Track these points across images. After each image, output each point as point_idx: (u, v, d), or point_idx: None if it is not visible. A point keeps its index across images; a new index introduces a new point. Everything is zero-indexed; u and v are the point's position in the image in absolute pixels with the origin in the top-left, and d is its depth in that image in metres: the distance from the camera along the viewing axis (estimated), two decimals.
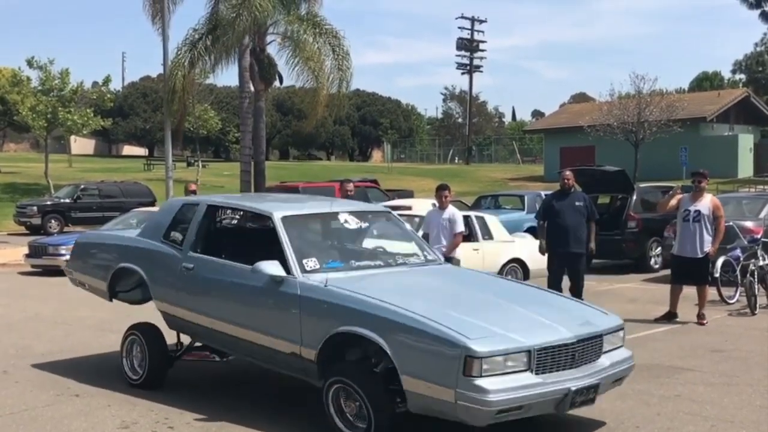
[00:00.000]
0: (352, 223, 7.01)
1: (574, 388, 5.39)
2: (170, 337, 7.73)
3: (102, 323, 10.57)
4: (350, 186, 13.26)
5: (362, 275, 6.40)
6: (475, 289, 6.72)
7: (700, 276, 10.48)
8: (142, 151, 71.68)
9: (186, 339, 7.71)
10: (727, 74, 70.70)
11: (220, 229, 7.72)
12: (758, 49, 61.66)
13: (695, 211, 10.31)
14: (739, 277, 11.67)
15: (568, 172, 11.20)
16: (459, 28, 65.74)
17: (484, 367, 5.09)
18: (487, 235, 13.33)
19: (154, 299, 7.48)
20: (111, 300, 8.14)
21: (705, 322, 10.31)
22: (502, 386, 5.11)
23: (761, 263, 11.61)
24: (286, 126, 70.40)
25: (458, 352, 5.09)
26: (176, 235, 7.43)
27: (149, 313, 8.13)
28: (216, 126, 45.84)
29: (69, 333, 10.25)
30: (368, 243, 7.32)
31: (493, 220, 13.96)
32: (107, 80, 37.95)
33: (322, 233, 7.17)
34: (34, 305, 12.85)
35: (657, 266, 16.21)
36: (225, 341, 6.86)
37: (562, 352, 5.45)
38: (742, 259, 11.79)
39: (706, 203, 10.40)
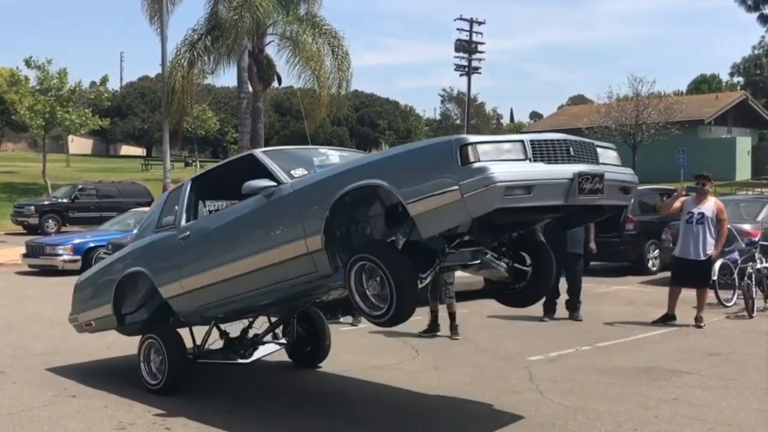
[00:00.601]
0: (334, 156, 7.04)
1: (578, 170, 5.36)
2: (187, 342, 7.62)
3: None
4: None
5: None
6: None
7: (702, 279, 10.49)
8: (140, 151, 71.67)
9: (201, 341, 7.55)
10: (725, 77, 70.85)
11: (208, 197, 7.67)
12: (756, 51, 61.71)
13: (699, 213, 10.32)
14: (736, 279, 11.68)
15: None
16: (457, 29, 65.64)
17: (480, 152, 5.08)
18: None
19: (160, 288, 7.26)
20: (120, 324, 7.84)
21: (703, 324, 10.31)
22: (502, 167, 5.07)
23: (759, 266, 11.62)
24: (284, 126, 70.37)
25: (452, 147, 5.12)
26: (168, 219, 7.45)
27: None
28: (214, 126, 45.95)
29: (66, 333, 10.21)
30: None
31: None
32: (104, 80, 37.97)
33: (304, 162, 7.01)
34: (32, 305, 12.84)
35: (655, 269, 16.21)
36: (237, 291, 6.68)
37: (557, 146, 5.43)
38: (739, 262, 11.80)
39: (710, 206, 10.41)
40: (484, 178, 4.99)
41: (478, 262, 6.19)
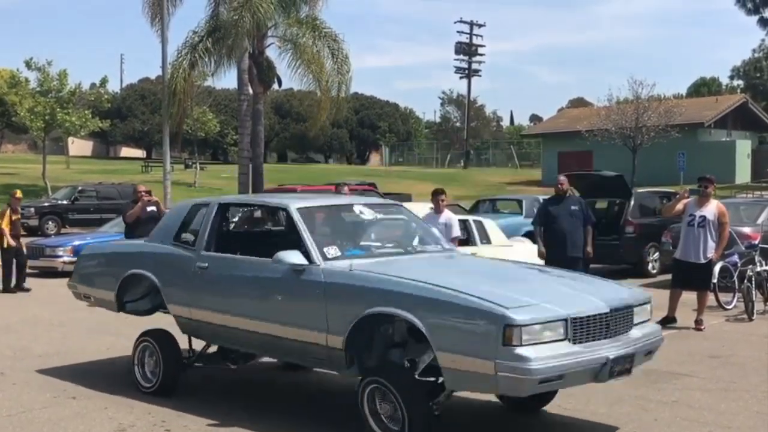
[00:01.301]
0: (367, 214, 6.97)
1: (612, 356, 5.37)
2: (181, 342, 7.63)
3: (100, 325, 10.55)
4: (345, 189, 13.27)
5: (385, 261, 6.34)
6: (500, 269, 6.79)
7: (703, 281, 10.50)
8: (140, 153, 71.65)
9: (197, 345, 7.55)
10: (725, 80, 70.88)
11: (232, 228, 7.64)
12: (756, 55, 61.77)
13: (701, 216, 10.32)
14: (736, 282, 11.68)
15: (561, 177, 11.30)
16: (458, 32, 65.79)
17: (524, 336, 5.03)
18: (485, 239, 13.32)
19: (168, 303, 7.27)
20: (119, 311, 7.92)
21: (702, 327, 10.31)
22: (542, 354, 5.05)
23: (759, 269, 11.62)
24: (284, 129, 70.40)
25: (497, 322, 5.04)
26: (188, 236, 7.34)
27: (150, 317, 8.09)
28: (214, 128, 45.88)
29: (66, 335, 10.24)
30: (383, 234, 7.22)
31: (491, 225, 13.96)
32: (104, 81, 37.96)
33: (337, 224, 7.03)
34: (32, 307, 12.84)
35: (655, 271, 16.21)
36: (246, 339, 6.68)
37: (597, 322, 5.42)
38: (739, 264, 11.80)
39: (711, 209, 10.41)
40: (523, 370, 4.98)
41: None
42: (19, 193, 15.24)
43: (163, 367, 7.14)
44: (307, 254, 6.13)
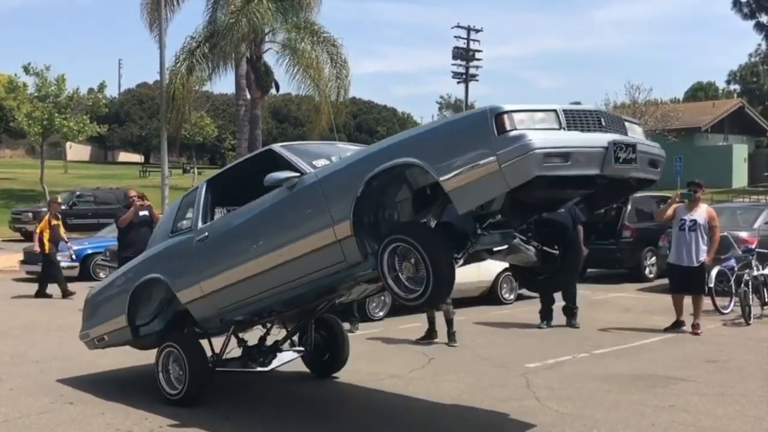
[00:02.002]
0: (350, 150, 6.87)
1: (611, 139, 5.27)
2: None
3: None
4: None
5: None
6: None
7: (697, 285, 10.55)
8: (137, 157, 71.68)
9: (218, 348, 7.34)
10: (721, 84, 71.00)
11: (225, 198, 7.43)
12: (753, 59, 61.86)
13: (691, 220, 10.39)
14: (733, 287, 11.70)
15: None
16: (455, 37, 65.80)
17: (516, 119, 4.96)
18: None
19: (178, 293, 7.04)
20: (135, 336, 7.54)
21: (699, 332, 10.34)
22: (539, 134, 4.97)
23: (755, 273, 11.63)
24: (282, 133, 70.36)
25: (487, 117, 5.01)
26: (183, 223, 7.30)
27: None
28: (212, 133, 45.99)
29: (64, 340, 10.22)
30: None
31: None
32: (102, 86, 37.98)
33: (323, 157, 6.85)
34: (29, 312, 12.83)
35: (652, 275, 16.24)
36: (262, 286, 6.47)
37: (589, 116, 5.35)
38: (736, 269, 11.81)
39: (701, 213, 10.48)
40: (522, 146, 4.88)
41: (507, 246, 6.03)
42: (59, 199, 15.20)
43: (189, 374, 6.90)
44: (297, 170, 6.21)
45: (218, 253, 6.77)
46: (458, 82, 67.94)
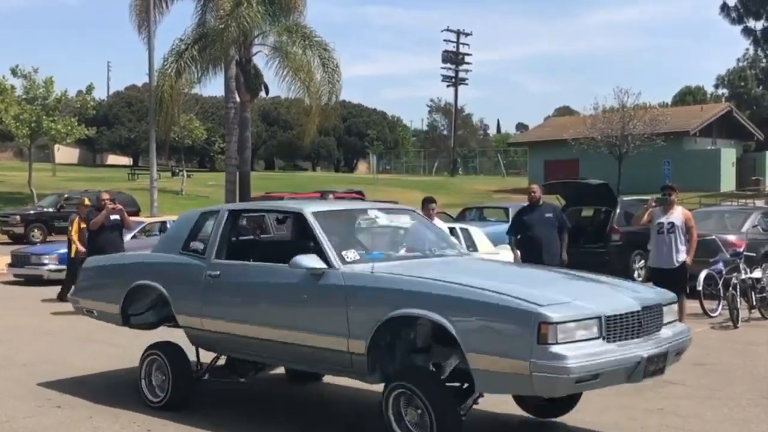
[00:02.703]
0: (382, 219, 6.87)
1: (646, 355, 5.28)
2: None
3: (86, 334, 10.48)
4: (330, 197, 13.27)
5: (406, 264, 6.23)
6: (526, 271, 6.73)
7: (678, 286, 10.56)
8: (126, 160, 71.42)
9: (205, 357, 7.35)
10: (710, 89, 71.27)
11: (243, 236, 7.43)
12: (741, 64, 62.14)
13: (669, 223, 10.44)
14: (721, 290, 11.73)
15: (534, 186, 11.51)
16: (444, 41, 66.03)
17: (559, 334, 4.92)
18: (472, 246, 13.33)
19: (178, 315, 7.02)
20: (123, 325, 7.62)
21: None
22: (577, 353, 4.93)
23: (743, 276, 11.69)
24: (271, 136, 70.37)
25: (531, 320, 4.92)
26: (197, 245, 7.12)
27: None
28: (201, 136, 45.79)
29: (52, 344, 10.17)
30: (399, 238, 7.13)
31: (477, 232, 14.00)
32: (90, 89, 37.85)
33: (353, 229, 6.87)
34: (17, 315, 12.75)
35: (640, 279, 16.24)
36: (262, 348, 6.48)
37: (630, 320, 5.32)
38: (724, 272, 11.85)
39: (678, 215, 10.54)
40: (559, 368, 4.87)
41: None
42: (87, 202, 15.05)
43: (172, 382, 6.88)
44: (325, 258, 5.97)
45: (225, 301, 6.68)
46: (448, 86, 68.30)
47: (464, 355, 5.23)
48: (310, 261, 5.94)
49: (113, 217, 12.47)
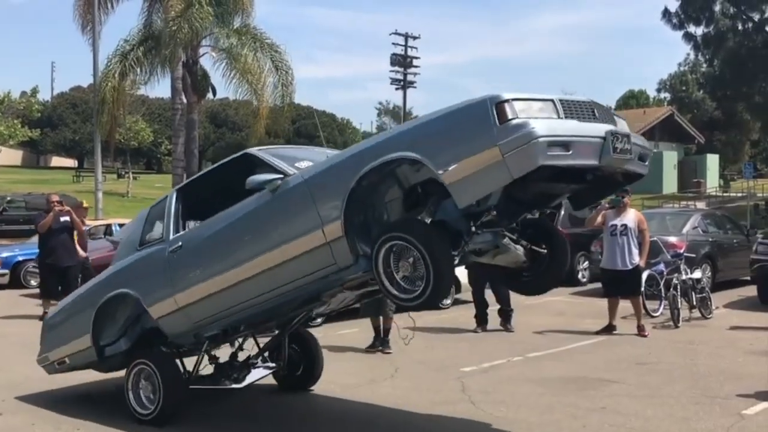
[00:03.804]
0: (327, 154, 6.67)
1: (609, 129, 5.26)
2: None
3: (29, 340, 10.26)
4: None
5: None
6: None
7: (632, 288, 10.83)
8: (71, 162, 70.19)
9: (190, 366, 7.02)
10: (652, 93, 72.71)
11: (197, 206, 7.05)
12: (682, 68, 63.47)
13: (622, 225, 10.66)
14: (663, 290, 11.97)
15: None
16: (393, 44, 66.08)
17: (517, 108, 4.89)
18: None
19: (150, 308, 6.63)
20: (100, 356, 7.07)
21: (646, 333, 10.62)
22: (540, 122, 4.89)
23: (684, 277, 11.94)
24: (220, 138, 69.82)
25: (486, 106, 4.93)
26: (153, 235, 6.93)
27: None
28: (147, 137, 45.29)
29: None
30: None
31: None
32: (35, 91, 37.14)
33: (304, 159, 6.64)
34: None
35: (584, 280, 16.54)
36: (239, 295, 6.16)
37: (583, 106, 5.32)
38: (665, 273, 12.09)
39: (631, 217, 10.76)
40: (525, 134, 4.80)
41: (497, 245, 5.83)
42: (85, 203, 14.67)
43: (163, 392, 6.51)
44: (279, 172, 6.00)
45: (194, 264, 6.43)
46: (396, 89, 68.16)
47: (436, 191, 5.25)
48: (266, 175, 5.93)
49: (62, 218, 12.28)
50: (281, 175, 5.96)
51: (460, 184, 5.02)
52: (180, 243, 6.55)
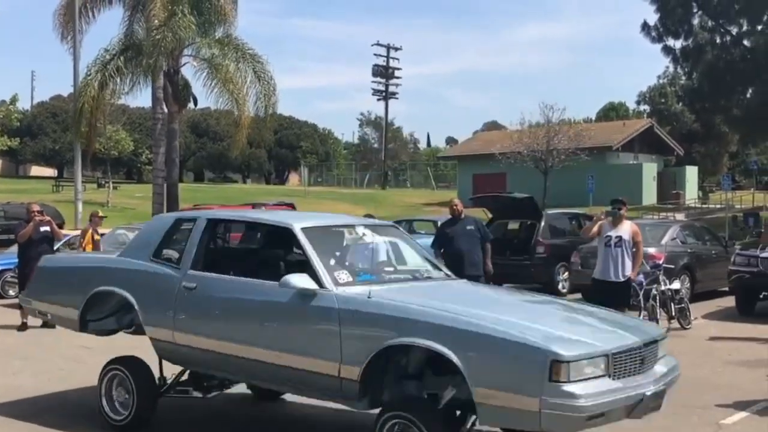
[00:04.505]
0: (369, 236, 6.63)
1: (648, 393, 5.28)
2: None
3: (8, 350, 10.20)
4: (263, 210, 13.23)
5: (400, 287, 6.08)
6: (521, 299, 6.67)
7: (622, 299, 10.83)
8: (51, 171, 69.72)
9: (167, 371, 6.99)
10: (632, 105, 73.25)
11: (222, 247, 7.04)
12: (661, 81, 64.01)
13: (617, 236, 10.65)
14: (642, 301, 12.01)
15: (455, 200, 11.83)
16: (375, 54, 66.32)
17: (571, 372, 4.86)
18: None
19: (146, 326, 6.59)
20: (81, 330, 7.17)
21: None
22: (588, 391, 4.89)
23: (663, 288, 12.01)
24: (201, 147, 69.63)
25: (543, 357, 4.85)
26: (170, 253, 6.76)
27: (57, 336, 7.86)
28: (128, 147, 45.07)
29: None
30: (384, 257, 6.91)
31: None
32: (14, 99, 36.93)
33: (342, 247, 6.64)
34: None
35: (564, 290, 16.59)
36: (241, 367, 6.13)
37: (632, 357, 5.32)
38: (645, 283, 12.14)
39: (626, 229, 10.76)
40: (570, 407, 4.82)
41: None
42: (101, 213, 14.55)
43: (137, 398, 6.52)
44: (316, 278, 5.73)
45: (203, 316, 6.32)
46: (378, 99, 68.52)
47: (465, 387, 5.13)
48: (302, 281, 5.68)
49: (43, 228, 12.22)
50: (317, 287, 5.71)
51: (489, 409, 5.05)
52: (195, 284, 6.34)
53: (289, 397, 7.66)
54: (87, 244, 13.71)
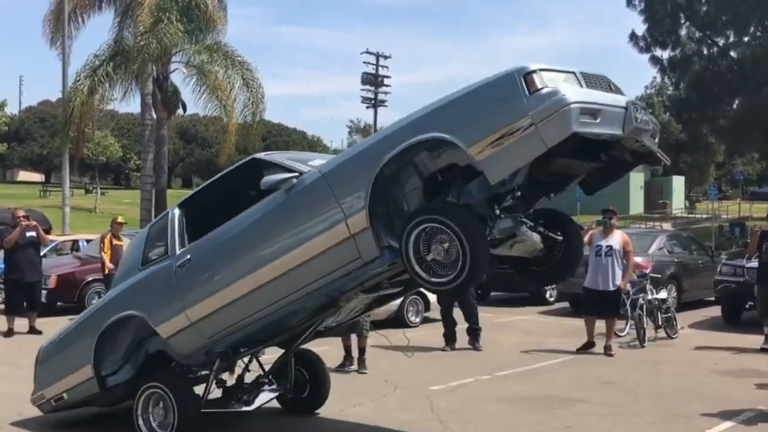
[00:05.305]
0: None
1: (629, 99, 5.30)
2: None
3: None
4: None
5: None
6: None
7: (611, 308, 10.92)
8: (38, 176, 69.44)
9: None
10: None
11: (200, 216, 6.72)
12: (649, 91, 64.33)
13: (607, 246, 10.74)
14: (629, 310, 12.07)
15: None
16: (364, 62, 66.40)
17: (545, 78, 4.89)
18: None
19: (158, 327, 6.25)
20: (102, 388, 6.59)
21: (613, 353, 10.68)
22: (568, 89, 4.92)
23: (650, 297, 12.06)
24: (189, 153, 69.55)
25: (513, 77, 4.91)
26: (157, 252, 6.61)
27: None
28: (116, 153, 45.00)
29: None
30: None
31: None
32: (2, 104, 36.84)
33: (314, 159, 6.48)
34: None
35: (552, 299, 16.63)
36: (258, 301, 5.89)
37: (601, 80, 5.36)
38: (632, 293, 12.20)
39: (617, 239, 10.85)
40: (557, 101, 4.80)
41: (516, 233, 5.66)
42: (120, 219, 14.39)
43: (178, 418, 6.12)
44: (293, 171, 5.84)
45: (207, 275, 6.13)
46: (367, 107, 68.39)
47: (459, 176, 5.23)
48: (281, 174, 5.77)
49: (29, 233, 12.19)
50: (296, 173, 5.81)
51: (492, 160, 4.97)
52: (188, 256, 6.24)
53: (322, 412, 7.51)
54: (107, 250, 13.53)
